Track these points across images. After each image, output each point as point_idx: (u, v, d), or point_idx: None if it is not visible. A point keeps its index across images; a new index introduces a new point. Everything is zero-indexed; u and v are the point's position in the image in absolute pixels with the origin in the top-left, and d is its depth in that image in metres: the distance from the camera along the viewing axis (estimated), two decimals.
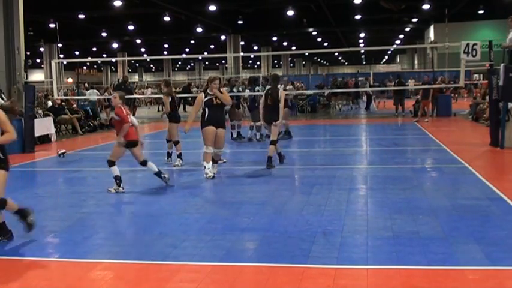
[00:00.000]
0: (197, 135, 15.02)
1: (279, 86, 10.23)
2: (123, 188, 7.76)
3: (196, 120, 8.87)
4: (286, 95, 14.48)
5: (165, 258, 4.72)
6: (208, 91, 8.72)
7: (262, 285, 4.10)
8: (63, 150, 11.68)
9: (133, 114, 20.76)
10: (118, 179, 7.73)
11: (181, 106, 29.88)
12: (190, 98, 30.79)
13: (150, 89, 40.73)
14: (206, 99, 8.70)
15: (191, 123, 8.73)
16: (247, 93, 14.85)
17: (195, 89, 35.64)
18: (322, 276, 4.19)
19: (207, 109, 8.67)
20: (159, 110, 27.81)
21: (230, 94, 11.78)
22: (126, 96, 16.54)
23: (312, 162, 10.13)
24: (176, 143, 10.27)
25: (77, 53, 51.88)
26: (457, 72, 27.14)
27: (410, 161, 10.67)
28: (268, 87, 10.02)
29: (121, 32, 38.61)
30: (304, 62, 73.16)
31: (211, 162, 8.74)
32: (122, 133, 7.67)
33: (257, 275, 4.34)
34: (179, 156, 10.23)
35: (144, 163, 7.94)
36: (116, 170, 7.75)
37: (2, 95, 14.59)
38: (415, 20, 37.43)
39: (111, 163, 7.75)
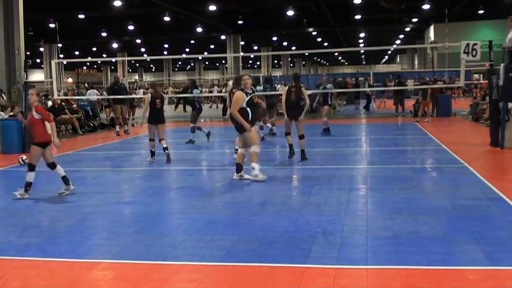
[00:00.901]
0: (194, 135, 15.03)
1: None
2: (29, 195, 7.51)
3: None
4: (325, 94, 15.30)
5: (165, 258, 4.71)
6: (245, 89, 8.38)
7: (262, 285, 4.10)
8: (24, 157, 10.76)
9: (133, 114, 20.81)
10: (29, 186, 7.52)
11: (182, 106, 29.93)
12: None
13: (142, 90, 40.51)
14: (248, 98, 8.30)
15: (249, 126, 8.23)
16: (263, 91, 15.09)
17: (199, 89, 35.37)
18: (322, 276, 4.19)
19: (249, 109, 8.28)
20: None
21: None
22: (120, 96, 16.45)
23: (312, 162, 10.13)
24: (150, 140, 10.81)
25: (77, 53, 51.91)
26: (457, 72, 27.18)
27: (410, 161, 10.67)
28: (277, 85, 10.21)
29: (121, 32, 38.62)
30: (304, 62, 73.18)
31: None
32: (51, 132, 7.48)
33: (257, 275, 4.34)
34: (152, 153, 10.78)
35: (52, 166, 7.61)
36: (32, 176, 7.51)
37: (3, 94, 14.60)
38: (415, 20, 37.46)
39: (31, 167, 7.49)
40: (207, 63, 78.98)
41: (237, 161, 8.51)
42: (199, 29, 36.31)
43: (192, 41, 49.75)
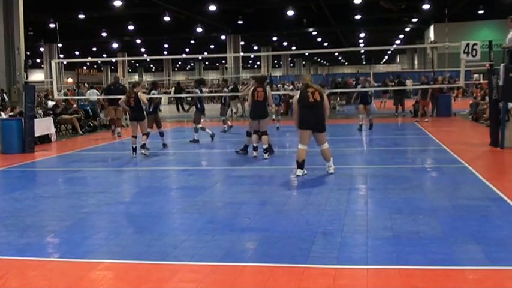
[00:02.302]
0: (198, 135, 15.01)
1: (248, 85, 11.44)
2: None
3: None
4: (365, 92, 16.07)
5: (165, 258, 4.72)
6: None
7: (262, 285, 4.10)
8: None
9: (129, 114, 20.74)
10: None
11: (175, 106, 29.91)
12: (190, 98, 30.75)
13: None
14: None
15: None
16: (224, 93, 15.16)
17: (206, 89, 35.35)
18: (322, 276, 4.19)
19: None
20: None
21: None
22: (118, 96, 16.45)
23: (312, 162, 10.12)
24: (132, 136, 11.56)
25: (77, 53, 51.87)
26: (457, 72, 27.17)
27: (410, 161, 10.67)
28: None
29: (121, 32, 38.60)
30: (304, 62, 73.15)
31: None
32: None
33: (257, 275, 4.34)
34: (143, 146, 11.51)
35: None
36: None
37: (4, 94, 14.61)
38: (415, 20, 37.45)
39: None
40: (207, 63, 78.96)
41: (302, 158, 8.59)
42: (199, 29, 36.29)
43: (192, 41, 49.73)
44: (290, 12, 30.80)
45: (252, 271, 4.43)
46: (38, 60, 51.20)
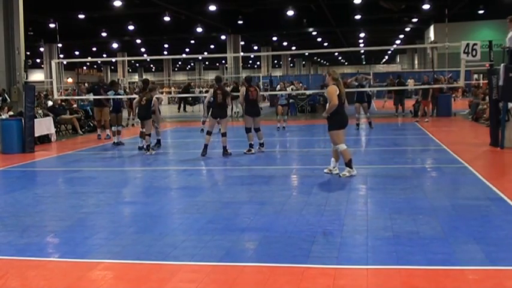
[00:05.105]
0: (195, 136, 15.04)
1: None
2: None
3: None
4: (362, 91, 16.35)
5: (165, 258, 4.72)
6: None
7: (262, 285, 4.10)
8: None
9: (133, 114, 20.70)
10: None
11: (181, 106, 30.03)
12: (190, 98, 30.86)
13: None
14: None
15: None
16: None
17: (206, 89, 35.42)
18: (322, 276, 4.20)
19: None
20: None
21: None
22: (102, 97, 16.38)
23: (312, 162, 10.13)
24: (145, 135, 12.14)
25: (77, 53, 51.85)
26: (457, 73, 27.16)
27: (410, 161, 10.66)
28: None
29: (121, 32, 38.61)
30: (304, 62, 73.17)
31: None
32: None
33: (257, 275, 4.34)
34: (147, 148, 11.99)
35: None
36: None
37: (5, 95, 14.59)
38: (415, 20, 37.45)
39: None
40: (207, 63, 78.98)
41: (350, 157, 8.63)
42: (199, 29, 36.28)
43: (192, 41, 49.73)
44: (290, 12, 30.79)
45: (252, 271, 4.43)
46: (38, 60, 51.19)
